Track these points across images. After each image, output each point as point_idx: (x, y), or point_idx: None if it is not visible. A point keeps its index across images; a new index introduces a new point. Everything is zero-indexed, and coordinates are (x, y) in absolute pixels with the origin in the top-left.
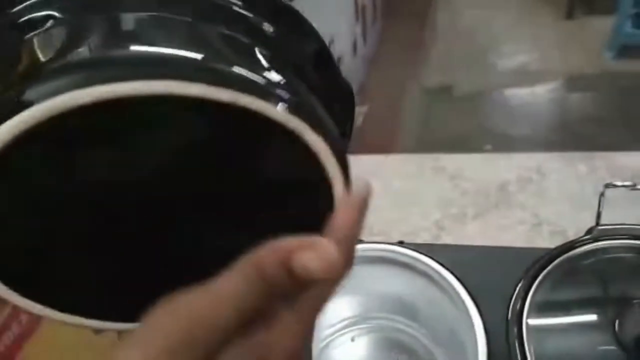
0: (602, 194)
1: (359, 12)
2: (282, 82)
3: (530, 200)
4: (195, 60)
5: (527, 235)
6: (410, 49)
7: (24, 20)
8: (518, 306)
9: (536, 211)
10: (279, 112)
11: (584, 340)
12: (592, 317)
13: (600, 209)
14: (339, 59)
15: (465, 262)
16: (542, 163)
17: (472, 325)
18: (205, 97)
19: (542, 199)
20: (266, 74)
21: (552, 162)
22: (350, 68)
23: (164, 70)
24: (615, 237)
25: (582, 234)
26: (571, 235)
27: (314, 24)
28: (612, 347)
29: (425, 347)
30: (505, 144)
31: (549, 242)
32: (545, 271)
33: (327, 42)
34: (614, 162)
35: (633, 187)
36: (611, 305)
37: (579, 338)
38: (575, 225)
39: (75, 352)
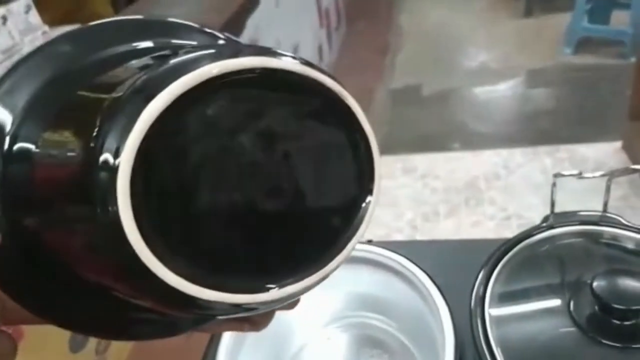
0: (553, 184)
1: (323, 18)
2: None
3: (499, 195)
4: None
5: (497, 229)
6: (375, 52)
7: None
8: (480, 295)
9: (505, 205)
10: (332, 82)
11: (544, 325)
12: (550, 301)
13: (554, 198)
14: None
15: (432, 256)
16: (508, 158)
17: (440, 319)
18: (286, 68)
19: (510, 193)
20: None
21: (517, 157)
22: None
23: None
24: (568, 223)
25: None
26: None
27: (279, 32)
28: (571, 329)
29: (398, 341)
30: (472, 141)
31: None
32: (503, 260)
33: (292, 48)
34: (577, 154)
35: (580, 175)
36: (567, 289)
37: (539, 323)
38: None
39: None
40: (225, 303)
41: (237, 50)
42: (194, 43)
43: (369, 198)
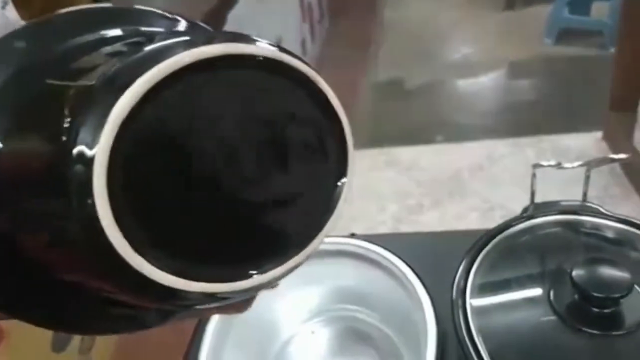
0: (533, 175)
1: (306, 12)
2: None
3: (482, 187)
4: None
5: (480, 220)
6: (358, 46)
7: None
8: (461, 288)
9: (488, 197)
10: (301, 64)
11: (525, 314)
12: (530, 291)
13: (534, 188)
14: None
15: (414, 248)
16: (491, 150)
17: (423, 310)
18: (259, 54)
19: (493, 184)
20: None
21: (500, 148)
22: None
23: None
24: (548, 213)
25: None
26: None
27: (262, 25)
28: (551, 318)
29: (382, 333)
30: (455, 133)
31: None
32: (484, 251)
33: (275, 43)
34: (560, 145)
35: (559, 166)
36: (547, 278)
37: (520, 312)
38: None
39: None
40: (207, 293)
41: (210, 37)
42: (164, 30)
43: (343, 179)
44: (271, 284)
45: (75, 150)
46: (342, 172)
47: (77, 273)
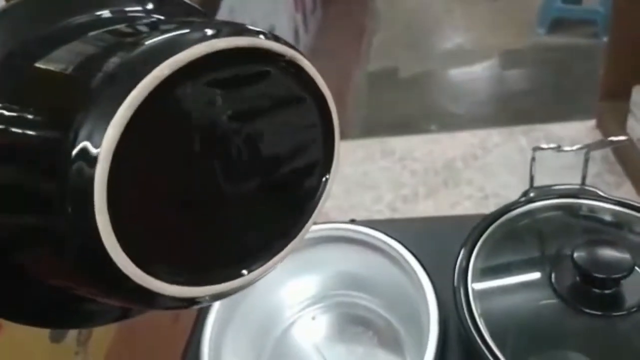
0: (532, 158)
1: (298, 2)
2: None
3: (476, 175)
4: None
5: (475, 208)
6: (351, 35)
7: None
8: (462, 271)
9: (482, 185)
10: (285, 48)
11: (527, 297)
12: (531, 274)
13: (533, 173)
14: None
15: (414, 233)
16: (484, 139)
17: (424, 294)
18: (253, 46)
19: (487, 173)
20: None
21: (494, 137)
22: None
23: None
24: (548, 197)
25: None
26: None
27: (254, 14)
28: (553, 299)
29: (383, 318)
30: (449, 122)
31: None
32: (485, 235)
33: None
34: (552, 133)
35: (559, 148)
36: (547, 261)
37: (521, 295)
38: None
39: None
40: (208, 296)
41: (217, 28)
42: (156, 17)
43: (327, 175)
44: (264, 275)
45: (78, 146)
46: (327, 168)
47: (61, 277)
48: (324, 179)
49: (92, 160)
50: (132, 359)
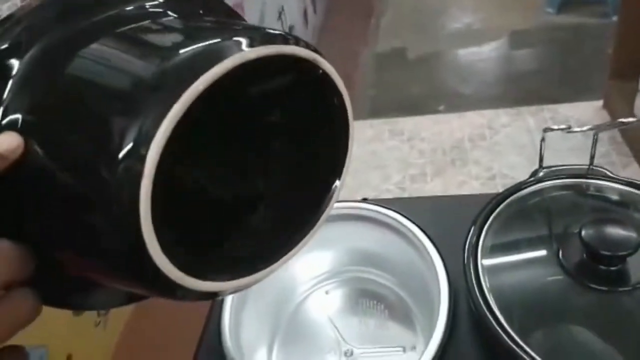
0: (542, 139)
1: None
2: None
3: (484, 155)
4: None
5: (482, 188)
6: (360, 16)
7: None
8: (473, 248)
9: (490, 165)
10: (313, 54)
11: (535, 273)
12: (540, 251)
13: (542, 153)
14: (290, 28)
15: (425, 211)
16: (492, 119)
17: (435, 269)
18: (281, 53)
19: (495, 153)
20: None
21: (502, 117)
22: (301, 38)
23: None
24: (556, 177)
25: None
26: None
27: None
28: (560, 276)
29: (394, 293)
30: (457, 103)
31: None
32: (495, 213)
33: (277, 12)
34: (560, 113)
35: (568, 129)
36: (556, 238)
37: (530, 271)
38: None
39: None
40: (232, 289)
41: (249, 37)
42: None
43: (337, 182)
44: (277, 269)
45: (126, 148)
46: (338, 174)
47: (95, 272)
48: (334, 185)
49: (138, 164)
50: (151, 329)
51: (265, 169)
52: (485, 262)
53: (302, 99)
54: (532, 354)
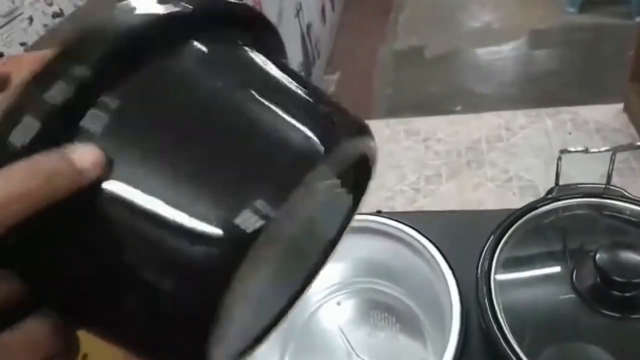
0: (559, 159)
1: None
2: None
3: (500, 157)
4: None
5: (498, 191)
6: (378, 13)
7: None
8: (486, 263)
9: (506, 167)
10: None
11: (547, 293)
12: (553, 271)
13: (559, 171)
14: (308, 26)
15: (439, 226)
16: (510, 120)
17: (446, 284)
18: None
19: (512, 155)
20: None
21: (519, 119)
22: (319, 35)
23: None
24: (573, 195)
25: (551, 186)
26: (540, 188)
27: None
28: (573, 298)
29: (405, 305)
30: (474, 103)
31: (519, 196)
32: (510, 230)
33: (295, 10)
34: (578, 116)
35: (586, 151)
36: (570, 258)
37: (542, 291)
38: (544, 178)
39: None
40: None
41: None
42: None
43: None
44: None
45: (237, 220)
46: (352, 213)
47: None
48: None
49: (228, 251)
50: None
51: None
52: (498, 279)
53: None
54: None
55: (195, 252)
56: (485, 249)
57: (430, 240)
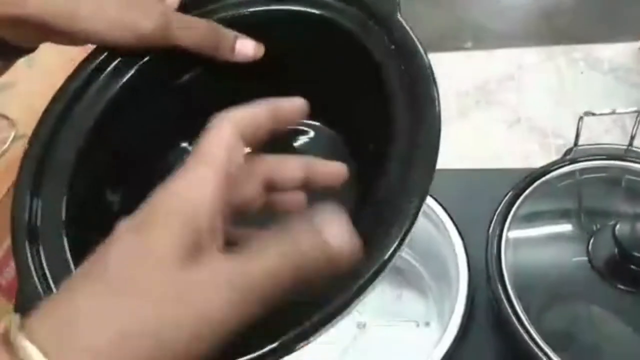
0: (581, 117)
1: None
2: None
3: (511, 96)
4: None
5: (508, 131)
6: None
7: None
8: (498, 227)
9: (516, 107)
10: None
11: (558, 259)
12: (567, 237)
13: (579, 131)
14: None
15: (447, 186)
16: (521, 58)
17: (454, 249)
18: None
19: (522, 94)
20: None
21: (531, 56)
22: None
23: None
24: (592, 157)
25: (561, 130)
26: (549, 130)
27: None
28: (585, 265)
29: (411, 266)
30: (485, 40)
31: (527, 138)
32: (523, 194)
33: None
34: (592, 54)
35: (613, 112)
36: (586, 226)
37: (553, 256)
38: (554, 119)
39: None
40: None
41: None
42: None
43: None
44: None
45: None
46: None
47: None
48: None
49: None
50: None
51: None
52: (509, 241)
53: None
54: (539, 342)
55: None
56: (497, 212)
57: (437, 201)
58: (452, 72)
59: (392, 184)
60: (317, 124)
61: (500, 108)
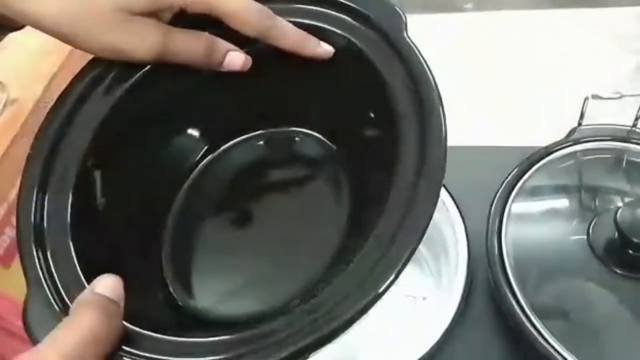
0: (586, 98)
1: None
2: None
3: (515, 61)
4: None
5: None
6: None
7: None
8: (497, 214)
9: (521, 73)
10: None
11: (558, 241)
12: (567, 219)
13: (584, 111)
14: None
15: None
16: (525, 21)
17: (452, 221)
18: None
19: (526, 59)
20: None
21: (535, 19)
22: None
23: None
24: (596, 138)
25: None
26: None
27: None
28: (584, 248)
29: None
30: (487, 0)
31: (534, 105)
32: (526, 175)
33: None
34: (601, 18)
35: (620, 97)
36: (587, 208)
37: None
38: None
39: None
40: None
41: None
42: None
43: None
44: None
45: None
46: None
47: None
48: None
49: None
50: None
51: None
52: (510, 220)
53: None
54: (533, 318)
55: None
56: (499, 190)
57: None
58: (453, 35)
59: (391, 222)
60: (324, 139)
61: (506, 73)
